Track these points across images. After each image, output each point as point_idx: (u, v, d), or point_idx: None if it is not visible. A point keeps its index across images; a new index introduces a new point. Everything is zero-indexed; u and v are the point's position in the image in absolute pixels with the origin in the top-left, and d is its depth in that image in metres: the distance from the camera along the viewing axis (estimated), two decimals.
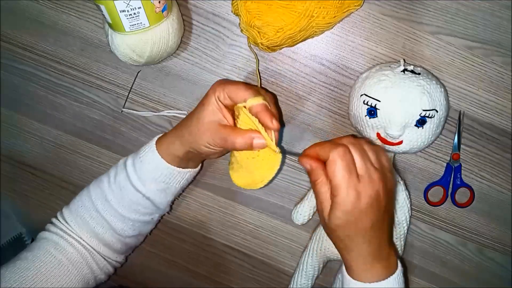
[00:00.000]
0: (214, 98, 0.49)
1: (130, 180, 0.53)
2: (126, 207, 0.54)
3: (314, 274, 0.60)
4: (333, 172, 0.43)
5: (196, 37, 0.57)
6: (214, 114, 0.49)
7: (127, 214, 0.54)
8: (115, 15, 0.48)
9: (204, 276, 0.68)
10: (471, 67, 0.54)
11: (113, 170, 0.55)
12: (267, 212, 0.64)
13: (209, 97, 0.49)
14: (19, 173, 0.67)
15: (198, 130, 0.49)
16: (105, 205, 0.54)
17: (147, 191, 0.53)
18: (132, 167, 0.53)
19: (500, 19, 0.52)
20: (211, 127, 0.49)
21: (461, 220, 0.61)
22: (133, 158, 0.54)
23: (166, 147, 0.52)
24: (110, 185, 0.54)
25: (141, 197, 0.53)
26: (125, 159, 0.55)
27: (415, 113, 0.49)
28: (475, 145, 0.57)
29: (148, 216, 0.56)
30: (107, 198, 0.54)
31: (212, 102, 0.49)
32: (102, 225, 0.54)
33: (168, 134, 0.54)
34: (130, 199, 0.53)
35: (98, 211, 0.54)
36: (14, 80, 0.63)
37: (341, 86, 0.57)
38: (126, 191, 0.53)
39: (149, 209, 0.55)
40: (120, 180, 0.53)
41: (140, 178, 0.53)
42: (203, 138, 0.49)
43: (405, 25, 0.53)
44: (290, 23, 0.49)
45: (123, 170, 0.54)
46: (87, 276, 0.55)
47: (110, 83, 0.61)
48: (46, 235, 0.55)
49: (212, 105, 0.49)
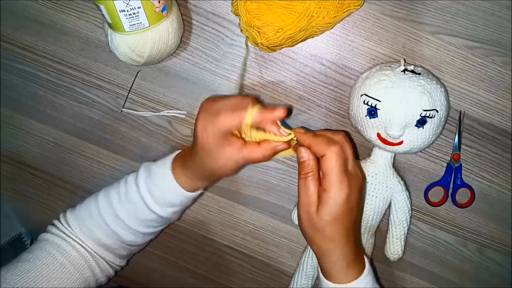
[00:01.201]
0: (218, 139, 0.46)
1: (146, 203, 0.52)
2: (139, 223, 0.54)
3: (314, 275, 0.60)
4: (330, 169, 0.44)
5: (196, 37, 0.57)
6: (226, 151, 0.47)
7: (140, 229, 0.54)
8: (114, 15, 0.48)
9: (204, 276, 0.68)
10: (471, 67, 0.54)
11: (123, 187, 0.54)
12: (267, 212, 0.64)
13: (219, 144, 0.46)
14: (19, 173, 0.67)
15: (218, 167, 0.48)
16: (116, 221, 0.53)
17: (163, 212, 0.53)
18: (146, 190, 0.52)
19: (500, 19, 0.52)
20: (230, 161, 0.47)
21: (461, 220, 0.61)
22: (146, 179, 0.52)
23: (185, 179, 0.51)
24: (121, 203, 0.53)
25: (157, 217, 0.54)
26: (136, 176, 0.53)
27: (416, 113, 0.49)
28: (475, 145, 0.57)
29: (160, 227, 0.57)
30: (118, 215, 0.53)
31: (218, 143, 0.46)
32: (112, 237, 0.54)
33: (185, 165, 0.51)
34: (146, 218, 0.53)
35: (108, 226, 0.53)
36: (14, 80, 0.63)
37: (341, 86, 0.57)
38: (140, 211, 0.53)
39: (162, 223, 0.56)
40: (133, 200, 0.52)
41: (157, 203, 0.52)
42: (225, 170, 0.48)
43: (405, 25, 0.53)
44: (290, 23, 0.49)
45: (135, 191, 0.52)
46: (88, 279, 0.55)
47: (109, 83, 0.61)
48: (47, 236, 0.55)
49: (220, 146, 0.46)
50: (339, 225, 0.45)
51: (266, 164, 0.61)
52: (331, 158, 0.43)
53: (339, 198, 0.44)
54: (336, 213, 0.44)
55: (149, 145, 0.63)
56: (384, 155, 0.55)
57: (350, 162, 0.46)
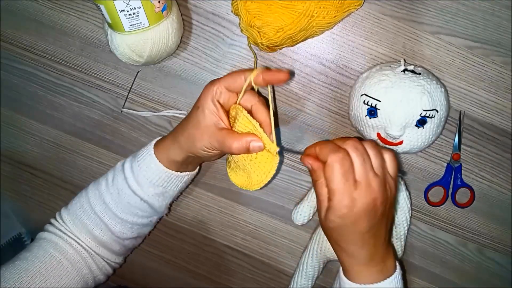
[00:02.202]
0: (210, 100, 0.48)
1: (128, 183, 0.53)
2: (124, 210, 0.53)
3: (314, 275, 0.60)
4: (329, 177, 0.43)
5: (196, 37, 0.57)
6: (210, 118, 0.48)
7: (125, 217, 0.54)
8: (114, 15, 0.48)
9: (204, 276, 0.68)
10: (471, 67, 0.54)
11: (111, 172, 0.55)
12: (267, 212, 0.64)
13: (205, 100, 0.48)
14: (19, 173, 0.67)
15: (195, 134, 0.49)
16: (103, 207, 0.54)
17: (144, 195, 0.53)
18: (130, 170, 0.53)
19: (500, 19, 0.52)
20: (208, 130, 0.48)
21: (461, 220, 0.61)
22: (131, 161, 0.54)
23: (164, 152, 0.52)
24: (108, 188, 0.54)
25: (139, 201, 0.53)
26: (123, 161, 0.55)
27: (416, 113, 0.49)
28: (475, 145, 0.57)
29: (146, 218, 0.56)
30: (105, 201, 0.53)
31: (207, 104, 0.48)
32: (101, 228, 0.54)
33: (166, 138, 0.53)
34: (128, 202, 0.53)
35: (96, 214, 0.54)
36: (14, 80, 0.63)
37: (341, 86, 0.57)
38: (124, 195, 0.53)
39: (147, 212, 0.55)
40: (118, 183, 0.53)
41: (138, 182, 0.52)
42: (200, 141, 0.48)
43: (405, 25, 0.53)
44: (290, 23, 0.49)
45: (121, 173, 0.54)
46: (86, 276, 0.55)
47: (109, 83, 0.61)
48: (45, 235, 0.55)
49: (208, 108, 0.48)
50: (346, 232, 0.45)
51: None
52: (329, 166, 0.43)
53: (339, 208, 0.43)
54: (339, 222, 0.44)
55: None
56: None
57: (360, 171, 0.43)
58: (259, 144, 0.46)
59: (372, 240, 0.46)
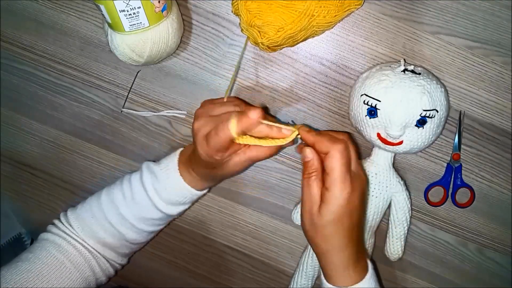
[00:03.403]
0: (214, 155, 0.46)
1: (155, 204, 0.53)
2: (144, 222, 0.54)
3: (314, 275, 0.60)
4: (333, 167, 0.43)
5: (196, 37, 0.57)
6: (230, 158, 0.47)
7: (145, 228, 0.55)
8: (114, 15, 0.48)
9: (204, 276, 0.68)
10: (471, 67, 0.54)
11: (127, 186, 0.54)
12: (267, 212, 0.64)
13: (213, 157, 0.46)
14: (19, 173, 0.67)
15: (227, 174, 0.50)
16: (119, 218, 0.54)
17: (170, 212, 0.54)
18: (156, 194, 0.52)
19: (500, 19, 0.52)
20: (236, 164, 0.48)
21: (461, 220, 0.61)
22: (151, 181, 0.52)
23: (193, 180, 0.52)
24: (127, 203, 0.53)
25: (164, 216, 0.54)
26: (141, 175, 0.54)
27: (416, 113, 0.49)
28: (475, 145, 0.57)
29: (163, 225, 0.58)
30: (123, 214, 0.53)
31: (218, 158, 0.47)
32: (115, 236, 0.54)
33: (192, 169, 0.52)
34: (152, 217, 0.54)
35: (112, 225, 0.54)
36: (14, 80, 0.63)
37: (341, 86, 0.57)
38: (147, 212, 0.53)
39: (166, 220, 0.57)
40: (141, 202, 0.53)
41: (164, 201, 0.53)
42: (233, 173, 0.50)
43: (405, 25, 0.53)
44: (290, 22, 0.49)
45: (143, 194, 0.53)
46: (88, 278, 0.55)
47: (109, 83, 0.61)
48: (47, 236, 0.55)
49: (223, 158, 0.47)
50: (340, 225, 0.45)
51: (266, 164, 0.61)
52: (335, 156, 0.43)
53: (340, 197, 0.44)
54: (337, 213, 0.44)
55: (149, 145, 0.63)
56: (384, 155, 0.55)
57: (354, 163, 0.46)
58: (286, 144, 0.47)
59: (356, 237, 0.47)
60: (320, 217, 0.45)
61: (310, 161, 0.45)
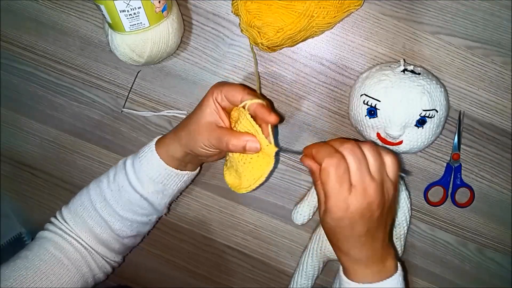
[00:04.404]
0: (211, 100, 0.49)
1: (129, 180, 0.53)
2: (124, 207, 0.54)
3: (314, 274, 0.60)
4: (324, 181, 0.43)
5: (196, 37, 0.57)
6: (211, 116, 0.49)
7: (125, 214, 0.54)
8: (115, 15, 0.48)
9: (204, 276, 0.68)
10: (471, 67, 0.54)
11: (113, 170, 0.56)
12: (267, 212, 0.64)
13: (207, 99, 0.50)
14: (19, 173, 0.67)
15: (195, 130, 0.50)
16: (103, 204, 0.54)
17: (144, 192, 0.53)
18: (131, 167, 0.54)
19: (500, 19, 0.52)
20: (208, 128, 0.49)
21: (461, 220, 0.61)
22: (132, 158, 0.55)
23: (165, 148, 0.53)
24: (109, 184, 0.54)
25: (139, 198, 0.53)
26: (125, 159, 0.56)
27: (415, 113, 0.49)
28: (475, 145, 0.57)
29: (145, 217, 0.56)
30: (106, 198, 0.54)
31: (209, 103, 0.49)
32: (101, 225, 0.54)
33: (167, 135, 0.54)
34: (128, 199, 0.53)
35: (97, 211, 0.54)
36: (14, 80, 0.63)
37: (341, 86, 0.57)
38: (124, 191, 0.53)
39: (146, 210, 0.55)
40: (119, 179, 0.54)
41: (138, 179, 0.53)
42: (199, 138, 0.49)
43: (405, 25, 0.53)
44: (290, 23, 0.49)
45: (122, 170, 0.54)
46: (86, 274, 0.55)
47: (109, 83, 0.61)
48: (45, 234, 0.55)
49: (210, 107, 0.49)
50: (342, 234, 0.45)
51: None
52: (326, 170, 0.42)
53: (334, 211, 0.43)
54: (334, 224, 0.44)
55: None
56: None
57: (355, 175, 0.43)
58: (256, 145, 0.46)
59: (370, 242, 0.46)
60: (323, 223, 0.46)
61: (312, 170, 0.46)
